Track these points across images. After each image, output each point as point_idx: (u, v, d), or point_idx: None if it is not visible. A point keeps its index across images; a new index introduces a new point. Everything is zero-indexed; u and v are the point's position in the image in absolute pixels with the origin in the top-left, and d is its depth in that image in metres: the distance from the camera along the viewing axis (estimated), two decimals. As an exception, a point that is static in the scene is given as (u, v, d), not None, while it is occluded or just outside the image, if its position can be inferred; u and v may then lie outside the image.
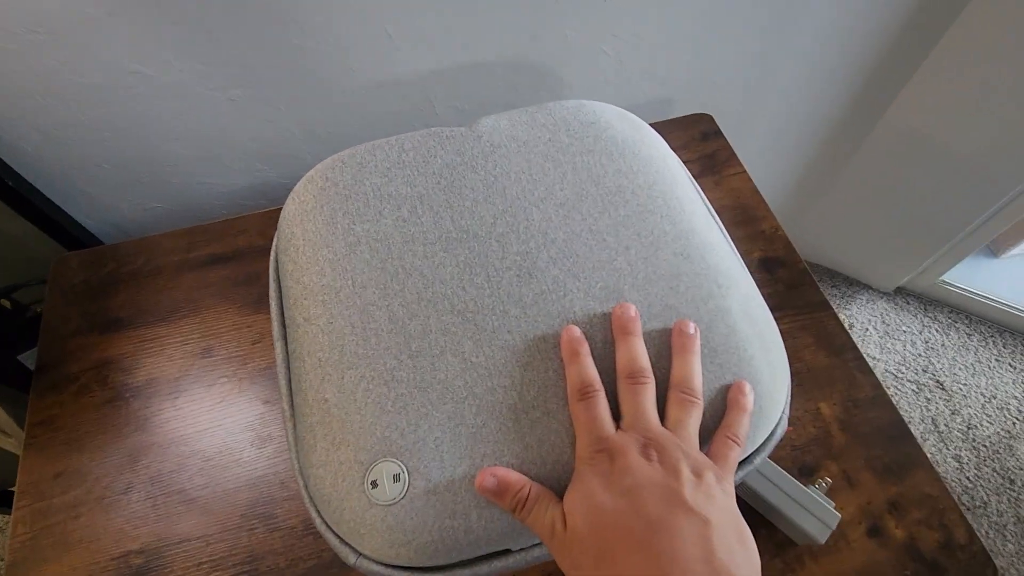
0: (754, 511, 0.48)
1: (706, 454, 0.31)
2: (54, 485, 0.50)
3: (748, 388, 0.33)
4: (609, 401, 0.32)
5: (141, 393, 0.53)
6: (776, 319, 0.39)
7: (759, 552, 0.27)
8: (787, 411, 0.37)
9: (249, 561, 0.46)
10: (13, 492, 0.76)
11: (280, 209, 0.64)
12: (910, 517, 0.48)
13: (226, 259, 0.60)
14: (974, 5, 0.78)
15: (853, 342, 0.55)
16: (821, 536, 0.43)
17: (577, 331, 0.34)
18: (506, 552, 0.33)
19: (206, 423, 0.52)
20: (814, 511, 0.44)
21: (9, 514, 0.85)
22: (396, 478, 0.31)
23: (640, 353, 0.33)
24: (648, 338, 0.34)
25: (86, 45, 0.51)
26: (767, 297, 0.40)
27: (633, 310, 0.34)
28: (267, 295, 0.58)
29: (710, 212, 0.43)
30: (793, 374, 0.53)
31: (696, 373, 0.32)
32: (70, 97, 0.55)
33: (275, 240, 0.43)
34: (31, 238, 0.66)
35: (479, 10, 0.58)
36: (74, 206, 0.67)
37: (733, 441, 0.31)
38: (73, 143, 0.60)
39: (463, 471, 0.32)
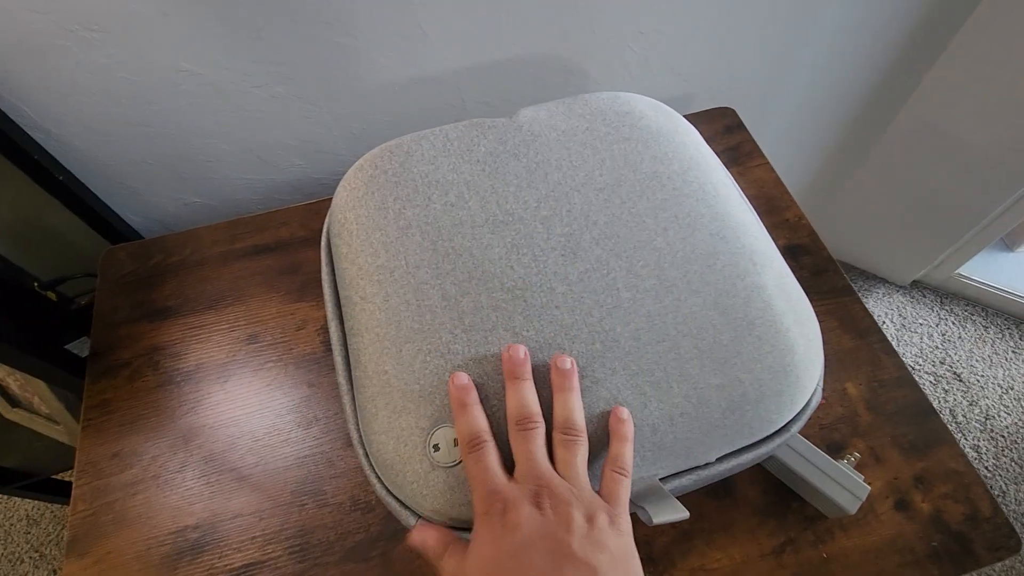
0: (783, 486, 0.49)
1: (597, 492, 0.31)
2: (111, 464, 0.52)
3: (626, 414, 0.33)
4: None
5: (191, 377, 0.56)
6: (813, 311, 0.41)
7: (790, 527, 0.27)
8: (821, 383, 0.39)
9: (300, 535, 0.48)
10: (57, 480, 0.79)
11: (319, 202, 0.67)
12: (936, 491, 0.49)
13: (269, 249, 0.63)
14: (988, 1, 0.79)
15: (877, 325, 0.57)
16: (852, 507, 0.45)
17: (465, 378, 0.33)
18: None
19: (255, 405, 0.54)
20: (844, 484, 0.45)
21: (52, 502, 0.88)
22: (456, 442, 0.33)
23: (529, 400, 0.32)
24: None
25: (138, 44, 0.54)
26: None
27: (522, 351, 0.34)
28: (310, 284, 0.60)
29: (742, 197, 0.45)
30: (820, 356, 0.55)
31: (576, 409, 0.33)
32: (120, 94, 0.58)
33: (326, 225, 0.45)
34: (76, 232, 0.69)
35: (510, 8, 0.60)
36: (118, 201, 0.69)
37: (619, 474, 0.31)
38: (121, 139, 0.62)
39: (519, 436, 0.34)
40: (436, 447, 0.33)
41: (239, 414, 0.54)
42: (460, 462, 0.33)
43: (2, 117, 0.55)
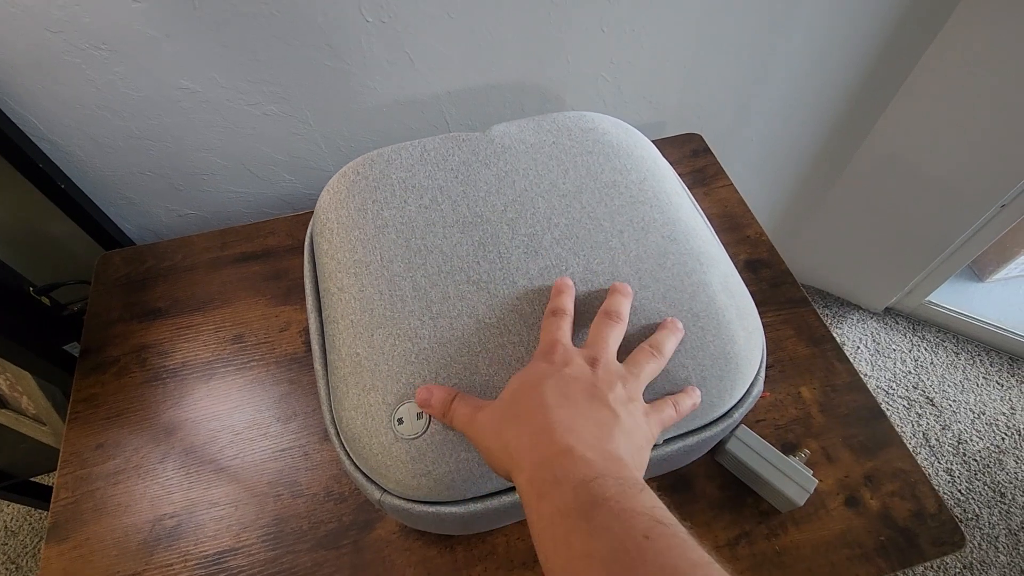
0: (740, 483, 0.52)
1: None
2: (95, 455, 0.54)
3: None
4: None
5: (177, 374, 0.58)
6: (761, 314, 0.45)
7: (744, 521, 0.31)
8: (762, 373, 0.42)
9: (274, 524, 0.50)
10: (37, 484, 0.80)
11: (305, 214, 0.71)
12: (884, 489, 0.52)
13: (257, 256, 0.66)
14: (944, 35, 0.85)
15: (831, 334, 0.60)
16: (800, 499, 0.47)
17: (570, 281, 0.40)
18: (512, 489, 0.37)
19: (236, 401, 0.56)
20: (794, 477, 0.48)
21: (31, 505, 0.88)
22: (419, 416, 0.36)
23: (625, 305, 0.38)
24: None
25: (142, 62, 0.58)
26: (752, 294, 0.45)
27: (628, 288, 0.39)
28: (294, 289, 0.63)
29: (694, 204, 0.49)
30: (776, 362, 0.58)
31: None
32: (123, 109, 0.62)
33: (310, 226, 0.49)
34: (72, 240, 0.72)
35: (490, 37, 0.65)
36: (115, 210, 0.73)
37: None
38: (121, 151, 0.66)
39: (477, 413, 0.36)
40: (400, 420, 0.36)
41: (221, 409, 0.56)
42: (421, 435, 0.36)
43: (12, 127, 0.58)
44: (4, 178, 0.61)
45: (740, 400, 0.40)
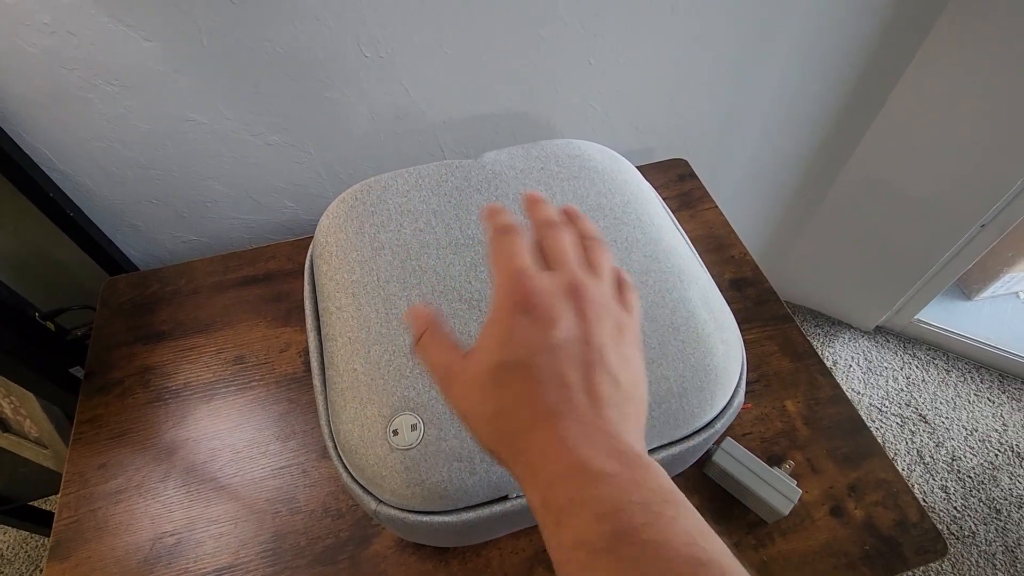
0: (728, 494, 0.53)
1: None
2: (97, 475, 0.55)
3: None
4: None
5: (179, 395, 0.60)
6: (744, 330, 0.47)
7: (733, 532, 0.29)
8: (743, 385, 0.44)
9: (273, 540, 0.51)
10: (36, 508, 0.81)
11: (305, 239, 0.73)
12: (868, 499, 0.53)
13: (258, 280, 0.68)
14: (920, 59, 0.89)
15: (814, 349, 0.62)
16: (785, 509, 0.49)
17: (499, 203, 0.32)
18: (504, 499, 0.39)
19: (236, 420, 0.58)
20: (779, 487, 0.49)
21: (28, 530, 0.88)
22: (413, 427, 0.38)
23: (554, 211, 0.31)
24: None
25: (152, 96, 0.61)
26: (737, 312, 0.47)
27: (541, 195, 0.32)
28: (294, 310, 0.65)
29: (676, 225, 0.52)
30: (761, 377, 0.60)
31: (593, 226, 0.32)
32: (131, 140, 0.65)
33: (310, 249, 0.51)
34: (78, 265, 0.75)
35: (482, 68, 0.69)
36: (121, 237, 0.75)
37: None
38: (129, 181, 0.69)
39: (469, 424, 0.38)
40: (395, 432, 0.38)
41: (221, 428, 0.57)
42: (415, 446, 0.37)
43: (25, 158, 0.61)
44: (15, 206, 0.64)
45: (721, 411, 0.42)
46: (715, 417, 0.42)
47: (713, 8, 0.72)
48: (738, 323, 0.46)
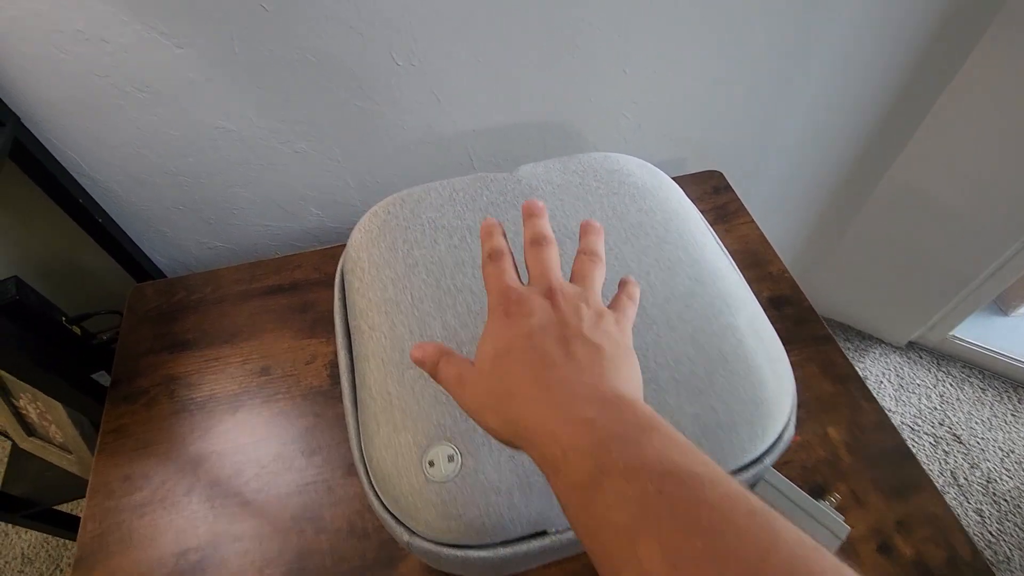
0: (768, 526, 0.51)
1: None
2: (122, 486, 0.54)
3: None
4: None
5: (204, 406, 0.59)
6: (784, 351, 0.44)
7: None
8: (793, 418, 0.42)
9: (297, 559, 0.50)
10: (60, 512, 0.81)
11: (332, 248, 0.72)
12: (917, 535, 0.50)
13: (284, 290, 0.67)
14: (967, 68, 0.86)
15: (856, 372, 0.60)
16: (831, 546, 0.46)
17: (494, 220, 0.36)
18: (543, 533, 0.37)
19: (262, 433, 0.57)
20: (825, 523, 0.47)
21: (52, 533, 0.88)
22: (450, 459, 0.36)
23: (544, 225, 0.34)
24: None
25: (183, 103, 0.60)
26: (776, 332, 0.45)
27: (539, 204, 0.36)
28: (320, 321, 0.64)
29: (719, 245, 0.50)
30: (801, 402, 0.58)
31: (601, 245, 0.35)
32: (161, 147, 0.64)
33: (341, 263, 0.50)
34: (105, 271, 0.74)
35: (514, 78, 0.67)
36: (148, 243, 0.75)
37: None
38: (157, 187, 0.68)
39: (507, 455, 0.36)
40: (431, 463, 0.36)
41: (246, 442, 0.56)
42: (452, 478, 0.36)
43: (55, 164, 0.61)
44: (44, 212, 0.63)
45: (772, 445, 0.40)
46: (765, 452, 0.40)
47: (751, 15, 0.69)
48: (779, 345, 0.44)
